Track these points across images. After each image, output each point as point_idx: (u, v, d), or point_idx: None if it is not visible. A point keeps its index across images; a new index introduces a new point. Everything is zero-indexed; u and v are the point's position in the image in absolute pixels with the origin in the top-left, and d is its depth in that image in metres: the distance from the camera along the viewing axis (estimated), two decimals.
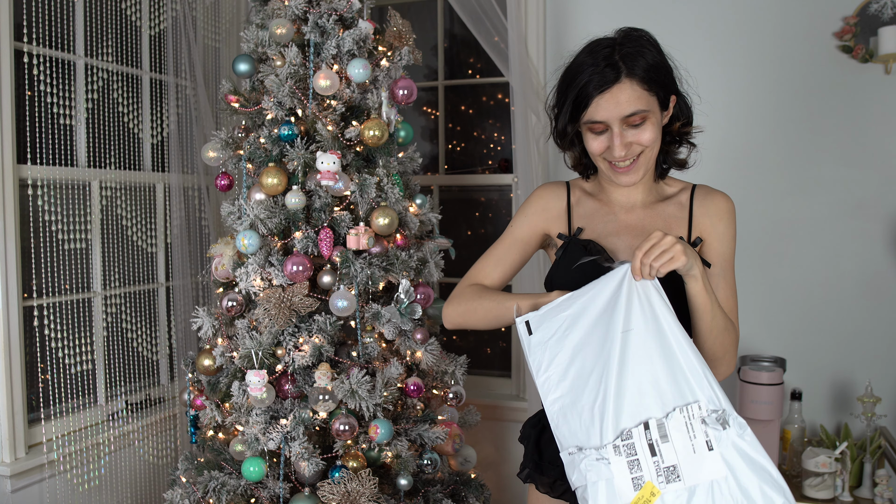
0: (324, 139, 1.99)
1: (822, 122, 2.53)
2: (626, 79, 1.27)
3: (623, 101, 1.27)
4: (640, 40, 1.31)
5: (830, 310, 2.55)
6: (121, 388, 2.57)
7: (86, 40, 2.44)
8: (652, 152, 1.34)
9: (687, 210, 1.44)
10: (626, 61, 1.27)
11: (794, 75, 2.55)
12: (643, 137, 1.30)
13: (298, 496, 1.89)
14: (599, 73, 1.27)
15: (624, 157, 1.31)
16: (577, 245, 1.43)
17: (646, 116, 1.29)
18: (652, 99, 1.29)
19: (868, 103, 2.47)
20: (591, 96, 1.28)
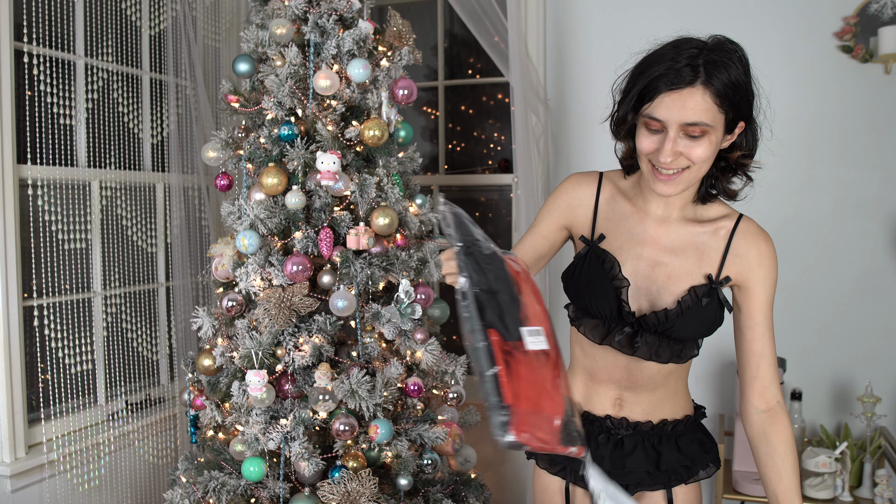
0: (324, 139, 1.99)
1: (822, 122, 2.53)
2: (701, 85, 1.19)
3: (689, 106, 1.19)
4: (730, 54, 1.22)
5: (830, 310, 2.55)
6: (121, 388, 2.57)
7: (86, 40, 2.44)
8: (699, 171, 1.26)
9: (724, 243, 1.35)
10: (708, 68, 1.19)
11: (794, 75, 2.55)
12: (695, 152, 1.22)
13: (298, 496, 1.89)
14: (675, 71, 1.20)
15: (669, 164, 1.24)
16: (597, 254, 1.39)
17: (706, 131, 1.21)
18: (719, 116, 1.22)
19: (868, 103, 2.48)
20: (659, 90, 1.21)
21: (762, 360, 1.36)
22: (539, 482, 1.58)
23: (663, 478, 1.43)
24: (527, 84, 2.62)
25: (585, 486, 1.47)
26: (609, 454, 1.44)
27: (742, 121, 1.27)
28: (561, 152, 2.83)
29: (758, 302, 1.34)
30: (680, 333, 1.34)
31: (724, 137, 1.26)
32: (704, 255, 1.35)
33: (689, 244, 1.36)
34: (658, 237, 1.37)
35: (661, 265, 1.36)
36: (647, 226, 1.38)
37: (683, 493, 1.46)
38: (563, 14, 2.80)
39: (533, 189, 2.64)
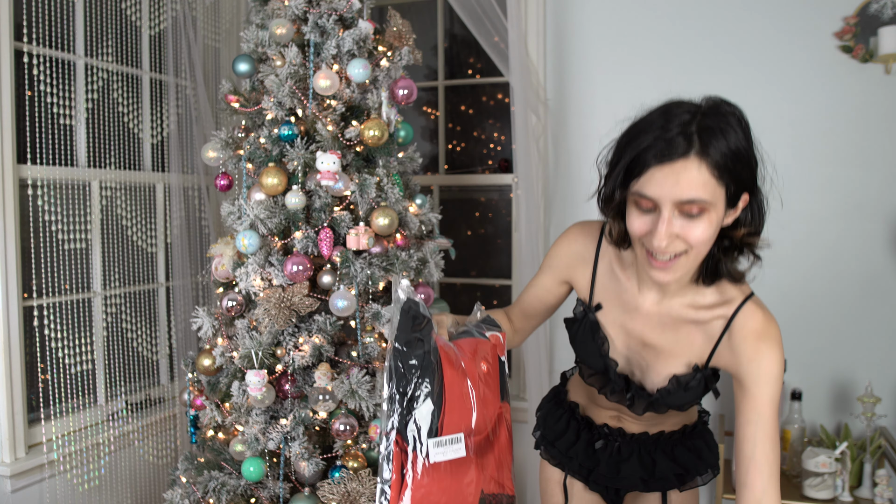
0: (324, 139, 1.99)
1: (822, 122, 2.53)
2: (696, 157, 1.03)
3: (684, 181, 1.03)
4: (727, 117, 1.08)
5: (830, 310, 2.56)
6: (121, 388, 2.57)
7: (86, 40, 2.44)
8: (698, 255, 1.11)
9: (718, 334, 1.21)
10: (703, 136, 1.04)
11: (794, 75, 2.55)
12: (693, 234, 1.07)
13: (298, 496, 1.89)
14: (667, 141, 1.04)
15: (665, 249, 1.08)
16: (590, 325, 1.34)
17: (705, 209, 1.05)
18: (719, 190, 1.06)
19: (868, 103, 2.48)
20: (649, 164, 1.05)
21: (752, 466, 1.14)
22: (544, 472, 1.62)
23: (657, 485, 1.45)
24: (527, 84, 2.62)
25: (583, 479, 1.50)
26: (606, 459, 1.46)
27: (746, 192, 1.11)
28: (561, 152, 2.83)
29: (752, 399, 1.16)
30: (669, 405, 1.31)
31: (725, 213, 1.11)
32: (694, 343, 1.24)
33: (681, 328, 1.25)
34: (650, 316, 1.27)
35: (650, 347, 1.29)
36: (640, 302, 1.28)
37: (679, 498, 1.47)
38: (563, 14, 2.80)
39: (533, 189, 2.64)
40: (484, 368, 1.22)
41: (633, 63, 2.69)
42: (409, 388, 1.11)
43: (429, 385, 1.11)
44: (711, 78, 2.62)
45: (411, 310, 1.15)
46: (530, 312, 1.49)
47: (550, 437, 1.56)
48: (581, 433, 1.51)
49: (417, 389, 1.11)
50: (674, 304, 1.24)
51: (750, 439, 1.15)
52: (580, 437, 1.50)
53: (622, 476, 1.44)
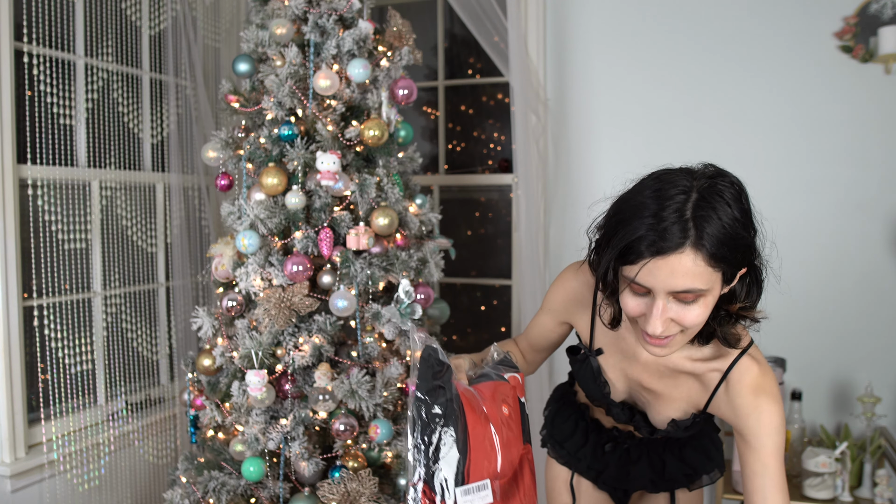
0: (324, 139, 1.99)
1: (822, 122, 2.53)
2: (691, 248, 0.99)
3: (679, 274, 1.01)
4: (722, 193, 1.02)
5: (830, 310, 2.55)
6: (121, 388, 2.57)
7: (86, 40, 2.44)
8: (693, 332, 1.11)
9: (713, 388, 1.22)
10: (699, 224, 1.00)
11: (794, 75, 2.55)
12: (688, 318, 1.05)
13: (298, 496, 1.89)
14: (661, 232, 0.99)
15: (660, 334, 1.07)
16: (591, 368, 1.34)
17: (701, 294, 1.04)
18: (715, 275, 1.03)
19: (868, 103, 2.48)
20: (643, 255, 1.01)
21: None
22: (551, 470, 1.62)
23: (666, 485, 1.45)
24: (527, 84, 2.62)
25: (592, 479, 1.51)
26: (615, 461, 1.47)
27: (743, 267, 1.09)
28: (561, 152, 2.83)
29: (755, 452, 1.16)
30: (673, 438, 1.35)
31: (721, 288, 1.08)
32: (692, 392, 1.25)
33: (678, 378, 1.25)
34: (648, 365, 1.28)
35: (649, 391, 1.31)
36: (638, 352, 1.28)
37: (686, 496, 1.47)
38: (563, 14, 2.80)
39: (533, 189, 2.64)
40: (505, 412, 1.21)
41: (633, 63, 2.69)
42: (433, 437, 1.11)
43: (453, 433, 1.11)
44: (711, 78, 2.62)
45: (430, 357, 1.15)
46: (537, 346, 1.51)
47: (559, 438, 1.55)
48: (590, 435, 1.51)
49: (442, 438, 1.11)
50: (672, 357, 1.24)
51: (759, 491, 1.14)
52: (589, 440, 1.51)
53: (632, 478, 1.45)
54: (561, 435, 1.55)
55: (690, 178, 1.04)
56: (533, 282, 2.59)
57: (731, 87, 2.61)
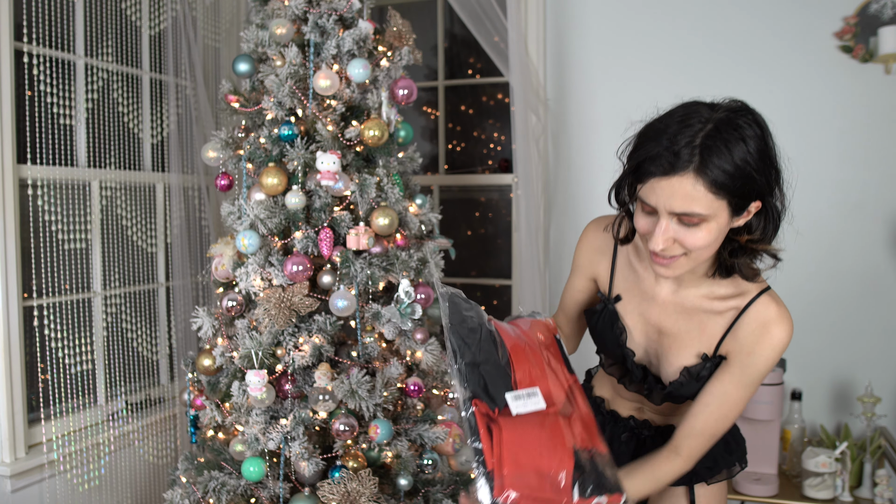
0: (324, 139, 1.99)
1: (822, 122, 2.53)
2: (693, 173, 1.06)
3: (679, 195, 1.07)
4: (739, 130, 1.09)
5: (830, 310, 2.55)
6: (121, 388, 2.57)
7: (86, 40, 2.44)
8: (698, 257, 1.15)
9: (729, 324, 1.25)
10: (705, 153, 1.06)
11: (795, 75, 2.55)
12: (690, 240, 1.11)
13: (298, 496, 1.89)
14: (669, 154, 1.07)
15: (662, 251, 1.14)
16: (610, 315, 1.37)
17: (703, 220, 1.09)
18: (718, 203, 1.08)
19: (868, 103, 2.48)
20: (650, 174, 1.09)
21: (690, 437, 1.26)
22: None
23: (685, 477, 1.42)
24: (527, 84, 2.62)
25: None
26: (632, 451, 1.46)
27: (756, 200, 1.14)
28: (561, 152, 2.83)
29: (727, 378, 1.23)
30: (684, 396, 1.33)
31: (732, 220, 1.13)
32: (706, 331, 1.27)
33: (695, 319, 1.28)
34: (666, 306, 1.31)
35: (666, 334, 1.32)
36: (657, 291, 1.32)
37: (706, 491, 1.46)
38: (563, 14, 2.80)
39: (533, 189, 2.64)
40: (541, 338, 1.25)
41: (633, 63, 2.69)
42: (474, 355, 1.13)
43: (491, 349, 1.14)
44: (711, 77, 2.62)
45: (457, 296, 1.20)
46: (569, 313, 1.53)
47: None
48: (607, 427, 1.51)
49: (481, 353, 1.13)
50: (689, 294, 1.28)
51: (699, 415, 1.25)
52: (606, 431, 1.50)
53: None
54: None
55: (712, 110, 1.11)
56: (533, 282, 2.59)
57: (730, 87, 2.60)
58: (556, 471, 1.09)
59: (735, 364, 1.23)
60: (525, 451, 1.08)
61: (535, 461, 1.08)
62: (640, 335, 1.36)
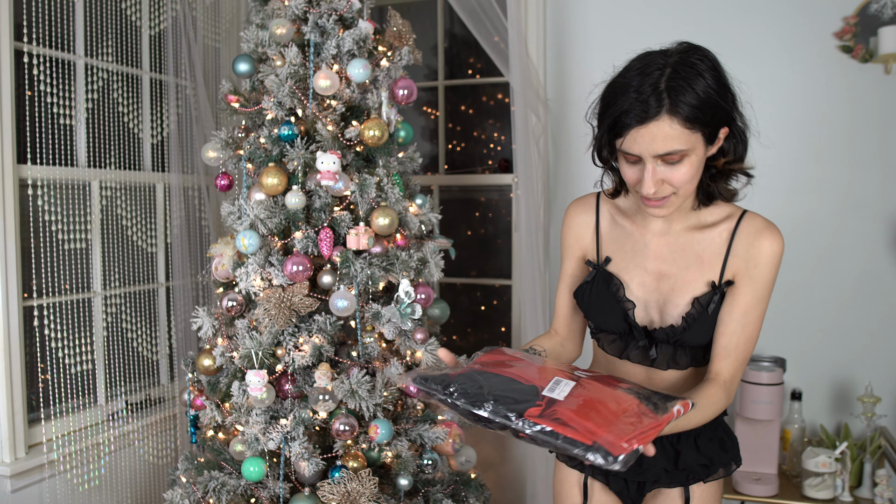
0: (324, 139, 1.99)
1: (822, 122, 2.53)
2: (667, 115, 1.15)
3: (659, 138, 1.16)
4: (695, 66, 1.18)
5: (830, 310, 2.56)
6: (121, 388, 2.57)
7: (86, 40, 2.44)
8: (686, 191, 1.24)
9: (726, 246, 1.33)
10: (672, 94, 1.15)
11: (794, 75, 2.55)
12: (676, 176, 1.20)
13: (298, 496, 1.89)
14: (641, 103, 1.16)
15: (654, 194, 1.23)
16: (603, 277, 1.40)
17: (684, 155, 1.19)
18: (694, 136, 1.18)
19: (868, 103, 2.48)
20: (628, 126, 1.18)
21: (723, 355, 1.31)
22: (559, 474, 1.59)
23: (681, 476, 1.42)
24: (527, 84, 2.62)
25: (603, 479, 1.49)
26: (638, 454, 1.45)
27: (724, 126, 1.24)
28: (561, 152, 2.83)
29: (742, 299, 1.31)
30: (692, 342, 1.34)
31: (707, 149, 1.23)
32: (706, 261, 1.33)
33: (691, 252, 1.35)
34: (660, 250, 1.37)
35: (666, 277, 1.36)
36: (648, 240, 1.38)
37: (701, 491, 1.45)
38: (563, 14, 2.80)
39: (533, 189, 2.64)
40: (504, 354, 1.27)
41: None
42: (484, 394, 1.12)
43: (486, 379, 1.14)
44: None
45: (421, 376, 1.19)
46: (568, 312, 1.53)
47: None
48: None
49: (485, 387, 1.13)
50: (679, 231, 1.36)
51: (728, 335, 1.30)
52: None
53: (645, 468, 1.42)
54: None
55: (665, 56, 1.21)
56: (533, 282, 2.59)
57: None
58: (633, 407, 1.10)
59: (745, 281, 1.30)
60: (600, 412, 1.08)
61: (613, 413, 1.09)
62: (638, 287, 1.38)
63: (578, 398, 1.11)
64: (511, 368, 1.19)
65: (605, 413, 1.08)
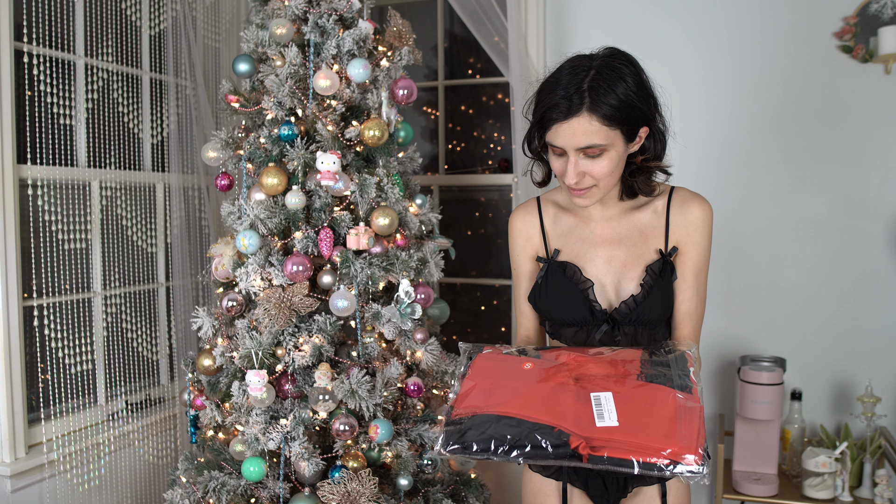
0: (324, 139, 1.99)
1: (822, 122, 2.53)
2: (587, 112, 1.26)
3: (580, 133, 1.28)
4: (618, 71, 1.29)
5: (830, 310, 2.55)
6: (121, 388, 2.57)
7: (86, 40, 2.44)
8: (607, 184, 1.35)
9: (664, 218, 1.44)
10: (593, 94, 1.26)
11: (795, 75, 2.55)
12: (596, 169, 1.31)
13: (298, 496, 1.90)
14: (565, 100, 1.28)
15: (577, 184, 1.33)
16: (557, 268, 1.46)
17: (603, 150, 1.29)
18: (613, 133, 1.29)
19: (868, 103, 2.48)
20: (552, 120, 1.29)
21: (686, 320, 1.43)
22: (531, 485, 1.55)
23: None
24: (527, 84, 2.62)
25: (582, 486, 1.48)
26: None
27: (643, 126, 1.34)
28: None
29: (691, 265, 1.43)
30: (650, 316, 1.40)
31: (627, 146, 1.34)
32: (650, 235, 1.44)
33: (633, 230, 1.45)
34: (605, 234, 1.46)
35: (615, 258, 1.44)
36: (593, 228, 1.47)
37: (677, 487, 1.47)
38: (563, 14, 2.80)
39: (533, 189, 2.64)
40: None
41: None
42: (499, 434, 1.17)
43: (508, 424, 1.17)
44: (711, 77, 2.62)
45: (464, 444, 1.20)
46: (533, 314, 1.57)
47: None
48: None
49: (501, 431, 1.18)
50: (617, 212, 1.46)
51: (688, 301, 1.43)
52: None
53: None
54: None
55: (591, 59, 1.32)
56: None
57: (730, 86, 2.61)
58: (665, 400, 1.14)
59: (689, 247, 1.42)
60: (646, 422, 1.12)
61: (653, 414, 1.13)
62: (592, 270, 1.45)
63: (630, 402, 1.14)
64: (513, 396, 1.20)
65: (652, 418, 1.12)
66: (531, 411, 1.16)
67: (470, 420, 1.18)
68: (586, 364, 1.26)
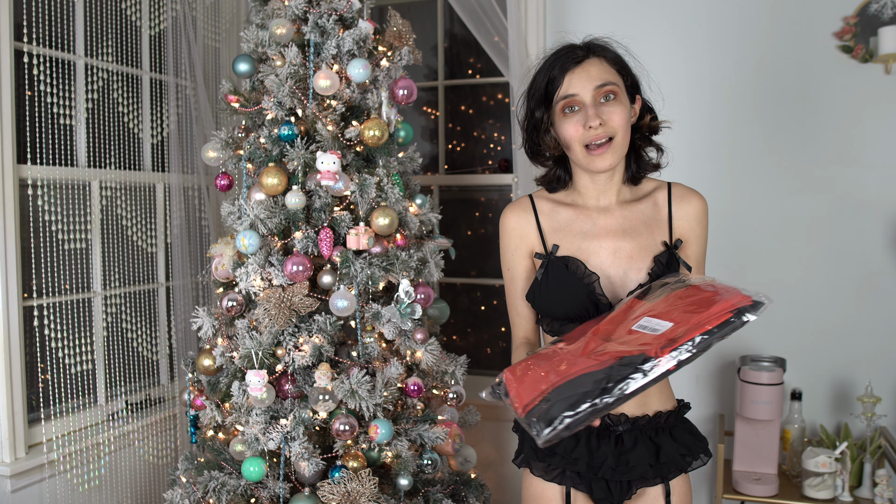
0: (324, 139, 1.99)
1: (822, 122, 2.53)
2: (595, 57, 1.37)
3: (594, 73, 1.35)
4: (607, 42, 1.43)
5: (830, 310, 2.56)
6: (121, 388, 2.57)
7: (86, 40, 2.44)
8: (623, 138, 1.38)
9: (665, 211, 1.46)
10: (594, 47, 1.40)
11: (795, 75, 2.55)
12: (614, 116, 1.35)
13: (298, 496, 1.90)
14: (569, 59, 1.37)
15: (598, 133, 1.35)
16: (558, 263, 1.43)
17: (616, 92, 1.36)
18: (620, 78, 1.38)
19: (868, 103, 2.48)
20: (565, 71, 1.36)
21: None
22: (530, 490, 1.52)
23: (663, 470, 1.43)
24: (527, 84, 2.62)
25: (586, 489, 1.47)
26: (612, 451, 1.44)
27: (637, 93, 1.44)
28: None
29: (693, 256, 1.46)
30: None
31: (630, 108, 1.41)
32: (653, 226, 1.45)
33: (637, 221, 1.45)
34: (608, 225, 1.45)
35: (620, 249, 1.43)
36: (594, 219, 1.46)
37: (680, 486, 1.46)
38: (563, 14, 2.80)
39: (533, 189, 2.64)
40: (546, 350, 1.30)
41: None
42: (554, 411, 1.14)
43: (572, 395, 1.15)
44: (711, 77, 2.62)
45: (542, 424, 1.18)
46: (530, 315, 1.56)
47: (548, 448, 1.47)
48: (580, 432, 1.48)
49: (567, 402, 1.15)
50: (618, 203, 1.47)
51: None
52: (580, 437, 1.48)
53: (632, 465, 1.41)
54: None
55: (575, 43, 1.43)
56: None
57: (730, 86, 2.61)
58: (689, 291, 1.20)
59: (692, 240, 1.46)
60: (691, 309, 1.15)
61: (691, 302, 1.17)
62: (596, 259, 1.43)
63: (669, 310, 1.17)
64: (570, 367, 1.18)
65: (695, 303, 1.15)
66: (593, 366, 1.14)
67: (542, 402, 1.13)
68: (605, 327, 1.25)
